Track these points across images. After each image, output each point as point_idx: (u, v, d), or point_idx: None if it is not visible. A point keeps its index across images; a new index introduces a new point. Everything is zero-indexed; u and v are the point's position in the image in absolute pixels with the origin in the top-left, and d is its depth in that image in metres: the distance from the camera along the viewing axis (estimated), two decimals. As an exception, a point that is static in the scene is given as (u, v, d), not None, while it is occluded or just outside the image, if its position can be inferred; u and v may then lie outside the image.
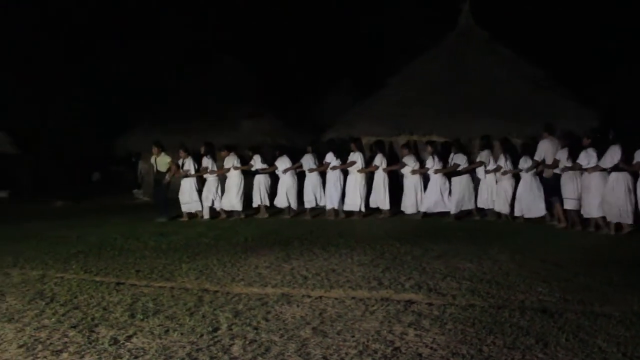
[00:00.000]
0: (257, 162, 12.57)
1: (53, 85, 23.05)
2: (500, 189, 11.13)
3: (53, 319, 4.97)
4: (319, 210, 12.51)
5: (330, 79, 24.94)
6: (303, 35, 26.59)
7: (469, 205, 11.54)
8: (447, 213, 11.47)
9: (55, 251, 8.60)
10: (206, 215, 12.42)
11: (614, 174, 9.00)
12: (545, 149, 10.36)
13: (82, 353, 4.14)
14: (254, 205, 12.62)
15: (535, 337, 4.24)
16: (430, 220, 11.33)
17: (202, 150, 12.60)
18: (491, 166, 11.29)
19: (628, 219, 8.92)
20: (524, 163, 10.74)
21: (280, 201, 12.50)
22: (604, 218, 9.27)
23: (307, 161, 12.52)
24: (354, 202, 11.96)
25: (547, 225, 10.27)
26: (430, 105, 13.75)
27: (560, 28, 22.45)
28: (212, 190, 12.47)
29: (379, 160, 12.06)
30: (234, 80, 19.29)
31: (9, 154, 19.01)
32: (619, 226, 9.10)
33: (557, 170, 10.07)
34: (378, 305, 5.15)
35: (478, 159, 11.61)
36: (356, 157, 12.04)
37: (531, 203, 10.68)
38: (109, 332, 4.56)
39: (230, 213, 12.45)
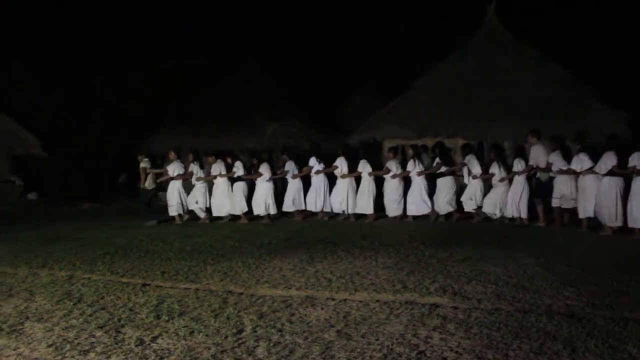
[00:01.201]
0: (239, 169, 12.57)
1: (81, 89, 23.44)
2: (496, 193, 11.23)
3: (81, 319, 5.04)
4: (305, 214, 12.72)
5: (355, 82, 24.92)
6: (329, 38, 26.61)
7: (452, 207, 11.68)
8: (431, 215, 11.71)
9: (82, 252, 8.73)
10: (202, 215, 12.61)
11: (606, 178, 9.36)
12: (537, 153, 10.66)
13: (109, 353, 4.19)
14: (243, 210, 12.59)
15: (562, 342, 4.17)
16: (455, 223, 11.23)
17: (172, 155, 12.68)
18: (499, 174, 11.15)
19: (617, 222, 9.31)
20: (518, 165, 10.93)
21: (259, 208, 12.51)
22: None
23: (290, 167, 12.64)
24: (337, 204, 12.21)
25: (572, 230, 10.10)
26: (456, 108, 13.68)
27: (589, 28, 22.11)
28: (199, 196, 12.59)
29: (362, 166, 12.11)
30: (259, 84, 19.40)
31: (38, 157, 19.36)
32: (600, 225, 9.60)
33: (551, 173, 10.41)
34: (402, 308, 5.13)
35: (464, 161, 11.72)
36: (339, 162, 12.17)
37: (521, 205, 10.87)
38: (135, 333, 4.60)
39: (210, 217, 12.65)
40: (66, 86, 23.09)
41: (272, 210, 12.42)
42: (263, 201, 12.37)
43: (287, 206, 12.59)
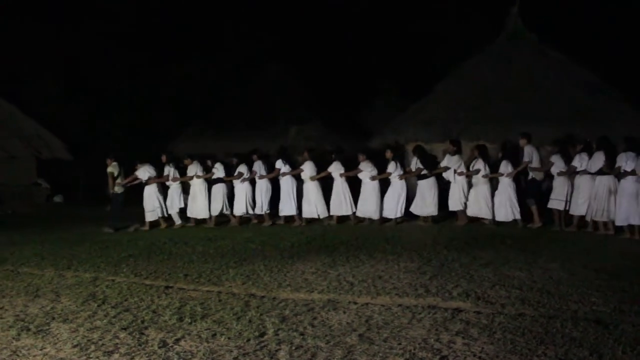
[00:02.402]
0: (219, 171, 12.55)
1: (106, 93, 23.75)
2: (479, 194, 11.28)
3: (105, 321, 5.10)
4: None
5: (377, 84, 24.84)
6: (350, 41, 26.59)
7: (435, 209, 11.67)
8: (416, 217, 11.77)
9: (106, 254, 8.85)
10: (177, 220, 12.51)
11: (598, 178, 9.81)
12: (531, 154, 10.84)
13: (132, 354, 4.23)
14: (213, 213, 12.60)
15: (589, 348, 4.10)
16: (478, 227, 11.12)
17: (164, 159, 12.71)
18: (507, 169, 11.07)
19: (603, 218, 9.74)
20: (505, 167, 11.03)
21: (239, 209, 12.50)
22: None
23: (259, 168, 12.56)
24: (310, 209, 12.18)
25: (593, 233, 9.93)
26: (478, 110, 13.55)
27: (616, 29, 21.76)
28: (175, 197, 12.51)
29: (334, 168, 12.09)
30: (281, 86, 19.44)
31: (64, 161, 19.62)
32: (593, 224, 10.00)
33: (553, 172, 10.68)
34: (425, 312, 5.09)
35: (445, 164, 11.65)
36: (307, 165, 12.19)
37: (506, 206, 10.99)
38: (158, 335, 4.64)
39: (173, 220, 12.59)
40: (91, 90, 23.40)
41: (251, 211, 12.49)
42: (243, 202, 12.43)
43: (258, 208, 12.52)
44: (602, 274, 6.53)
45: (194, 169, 12.58)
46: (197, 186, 12.54)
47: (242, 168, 12.51)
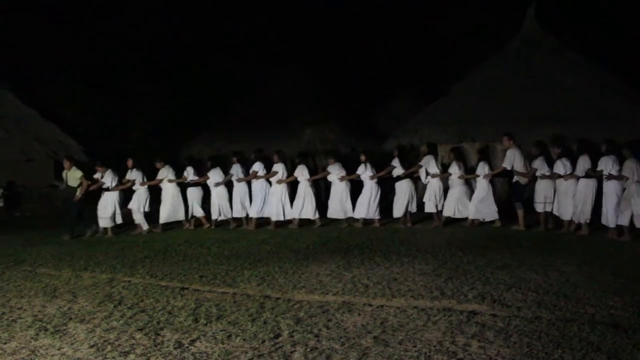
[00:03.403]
0: (190, 174, 12.50)
1: (123, 96, 23.96)
2: (455, 195, 11.49)
3: (121, 321, 5.14)
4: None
5: (393, 86, 24.79)
6: (365, 42, 26.57)
7: (412, 209, 11.86)
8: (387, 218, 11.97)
9: (122, 256, 8.92)
10: (144, 225, 12.15)
11: (582, 180, 10.00)
12: (514, 156, 10.87)
13: (149, 355, 4.26)
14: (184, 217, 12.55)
15: (607, 353, 4.06)
16: (493, 230, 11.04)
17: (129, 163, 12.38)
18: (484, 170, 11.25)
19: (583, 219, 9.95)
20: (481, 169, 11.23)
21: (214, 212, 12.54)
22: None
23: (236, 171, 12.58)
24: (277, 211, 12.19)
25: (606, 237, 9.74)
26: (495, 112, 13.46)
27: (635, 29, 21.50)
28: (142, 201, 12.18)
29: (299, 172, 12.21)
30: (296, 88, 19.46)
31: (81, 163, 19.82)
32: (577, 226, 10.18)
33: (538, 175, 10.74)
34: (440, 315, 5.07)
35: (421, 163, 11.84)
36: (278, 167, 12.23)
37: (486, 207, 11.18)
38: (174, 336, 4.67)
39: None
40: (108, 93, 23.63)
41: (227, 214, 12.53)
42: (217, 205, 12.50)
43: (237, 212, 12.56)
44: (619, 277, 6.45)
45: (165, 172, 12.39)
46: (169, 190, 12.37)
47: (214, 172, 12.52)
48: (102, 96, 23.26)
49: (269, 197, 12.34)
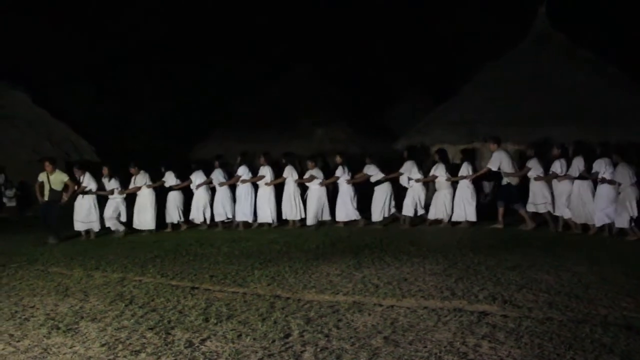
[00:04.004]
0: (169, 179, 12.45)
1: (134, 96, 24.10)
2: (440, 197, 11.59)
3: (132, 320, 5.16)
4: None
5: (403, 86, 24.77)
6: (376, 42, 26.56)
7: (389, 212, 11.97)
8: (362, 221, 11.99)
9: (133, 255, 8.97)
10: (120, 229, 11.95)
11: (577, 182, 10.14)
12: (500, 159, 10.95)
13: (159, 354, 4.28)
14: (168, 221, 12.50)
15: (620, 355, 4.03)
16: (505, 230, 10.99)
17: (105, 171, 12.23)
18: (468, 172, 11.37)
19: (581, 220, 10.15)
20: (465, 170, 11.37)
21: (197, 216, 12.50)
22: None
23: (217, 175, 12.55)
24: (265, 214, 12.28)
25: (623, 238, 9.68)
26: (505, 112, 13.40)
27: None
28: (118, 209, 12.01)
29: (288, 173, 12.27)
30: (307, 88, 19.47)
31: (93, 163, 19.93)
32: (585, 227, 10.24)
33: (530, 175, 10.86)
34: (451, 315, 5.05)
35: (402, 169, 11.88)
36: (265, 170, 12.28)
37: (469, 209, 11.29)
38: (184, 335, 4.68)
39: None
40: (119, 94, 23.77)
41: (209, 217, 12.49)
42: (201, 209, 12.43)
43: (217, 214, 12.52)
44: (632, 278, 6.40)
45: (141, 179, 12.27)
46: (146, 197, 12.24)
47: (196, 175, 12.48)
48: (111, 97, 23.40)
49: (258, 200, 12.36)
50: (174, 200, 12.50)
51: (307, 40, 25.26)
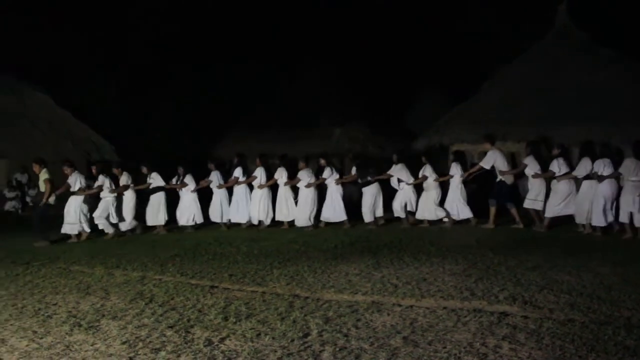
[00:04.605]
0: (157, 180, 12.38)
1: (154, 96, 24.29)
2: (429, 198, 11.70)
3: (152, 319, 5.20)
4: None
5: (421, 85, 24.64)
6: (393, 41, 26.45)
7: (379, 213, 12.09)
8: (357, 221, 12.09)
9: (153, 254, 9.04)
10: (110, 231, 11.68)
11: (585, 182, 10.13)
12: (495, 157, 11.05)
13: (179, 352, 4.30)
14: (150, 223, 12.41)
15: (643, 357, 3.97)
16: (525, 231, 10.88)
17: (94, 170, 12.12)
18: (457, 171, 11.51)
19: (588, 221, 10.14)
20: (455, 169, 11.55)
21: (184, 218, 12.47)
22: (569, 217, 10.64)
23: (215, 178, 12.58)
24: (256, 214, 12.34)
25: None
26: (526, 111, 13.28)
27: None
28: (107, 209, 11.77)
29: (279, 174, 12.32)
30: (325, 88, 19.47)
31: (112, 161, 20.15)
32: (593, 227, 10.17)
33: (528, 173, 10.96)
34: (470, 316, 5.01)
35: (391, 172, 12.04)
36: (258, 172, 12.33)
37: (461, 207, 11.48)
38: (204, 334, 4.71)
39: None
40: (139, 94, 23.98)
41: (199, 220, 12.47)
42: (187, 211, 12.40)
43: (214, 216, 12.58)
44: (656, 279, 6.31)
45: (125, 179, 12.08)
46: (126, 198, 12.06)
47: (188, 179, 12.47)
48: (131, 97, 23.62)
49: (252, 201, 12.42)
50: (157, 202, 12.33)
51: (326, 40, 25.25)
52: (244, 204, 12.42)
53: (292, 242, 9.96)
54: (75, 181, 11.41)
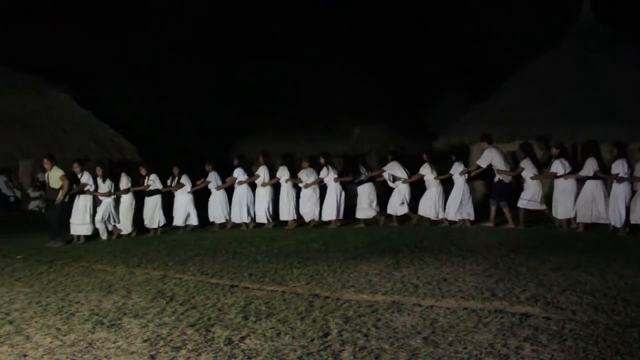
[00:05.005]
0: (156, 182, 12.28)
1: (175, 96, 24.48)
2: (429, 195, 11.74)
3: (173, 317, 5.24)
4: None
5: (441, 84, 24.49)
6: (413, 40, 26.33)
7: (375, 212, 12.14)
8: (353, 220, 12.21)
9: (174, 253, 9.11)
10: (103, 235, 11.60)
11: (590, 182, 10.12)
12: (492, 156, 11.04)
13: (199, 351, 4.32)
14: (147, 225, 12.29)
15: (669, 360, 3.89)
16: (547, 230, 10.76)
17: (99, 171, 11.77)
18: (458, 170, 11.48)
19: (592, 219, 10.16)
20: (456, 168, 11.49)
21: (180, 219, 12.40)
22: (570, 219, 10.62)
23: (213, 178, 12.54)
24: (260, 214, 12.38)
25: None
26: (548, 109, 13.12)
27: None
28: (107, 211, 11.61)
29: (281, 173, 12.36)
30: (346, 87, 19.46)
31: (134, 162, 20.34)
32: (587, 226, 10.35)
33: (525, 175, 10.94)
34: (491, 317, 4.96)
35: (385, 168, 12.12)
36: (261, 171, 12.36)
37: (465, 206, 11.40)
38: (224, 333, 4.73)
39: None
40: (161, 94, 24.18)
41: (193, 222, 12.37)
42: (182, 212, 12.33)
43: (213, 217, 12.57)
44: (682, 281, 6.19)
45: (124, 181, 11.85)
46: (124, 199, 11.89)
47: (184, 179, 12.40)
48: (153, 98, 23.82)
49: (256, 200, 12.44)
50: (154, 204, 12.26)
51: (347, 40, 25.22)
52: (245, 203, 12.40)
53: (312, 241, 9.97)
54: (88, 181, 11.40)
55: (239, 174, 12.55)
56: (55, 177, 10.79)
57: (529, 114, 13.28)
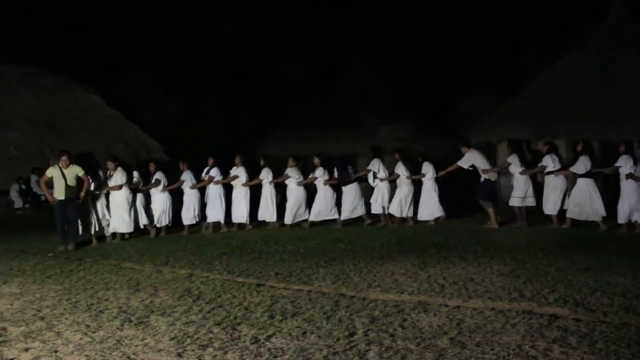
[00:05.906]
0: (162, 180, 12.09)
1: (199, 97, 24.69)
2: (400, 195, 11.91)
3: (199, 316, 5.28)
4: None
5: (467, 83, 24.28)
6: (439, 39, 26.17)
7: (360, 212, 12.27)
8: (334, 221, 12.33)
9: (201, 252, 9.18)
10: (107, 234, 11.30)
11: (583, 179, 10.30)
12: (474, 158, 11.20)
13: (226, 349, 4.35)
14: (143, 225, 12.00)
15: (703, 363, 3.80)
16: (575, 230, 10.59)
17: (110, 166, 11.33)
18: (404, 174, 11.85)
19: (597, 217, 10.24)
20: (426, 169, 11.81)
21: (161, 219, 12.09)
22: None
23: (187, 177, 12.31)
24: (241, 214, 12.24)
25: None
26: (576, 108, 12.93)
27: None
28: (100, 208, 11.20)
29: (264, 174, 12.29)
30: (369, 87, 19.43)
31: (162, 162, 20.57)
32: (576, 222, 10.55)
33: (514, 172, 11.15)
34: (519, 318, 4.90)
35: (369, 167, 12.22)
36: (239, 171, 12.25)
37: (433, 207, 11.77)
38: (250, 331, 4.75)
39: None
40: (186, 94, 24.43)
41: (165, 221, 12.05)
42: (156, 211, 11.98)
43: (188, 219, 12.33)
44: None
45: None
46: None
47: (159, 175, 12.13)
48: (179, 97, 24.07)
49: (233, 201, 12.34)
50: (140, 202, 11.92)
51: (371, 40, 25.15)
52: (217, 203, 12.25)
53: (337, 241, 9.97)
54: (121, 178, 11.22)
55: (216, 173, 12.28)
56: (72, 174, 10.38)
57: (554, 112, 13.11)
